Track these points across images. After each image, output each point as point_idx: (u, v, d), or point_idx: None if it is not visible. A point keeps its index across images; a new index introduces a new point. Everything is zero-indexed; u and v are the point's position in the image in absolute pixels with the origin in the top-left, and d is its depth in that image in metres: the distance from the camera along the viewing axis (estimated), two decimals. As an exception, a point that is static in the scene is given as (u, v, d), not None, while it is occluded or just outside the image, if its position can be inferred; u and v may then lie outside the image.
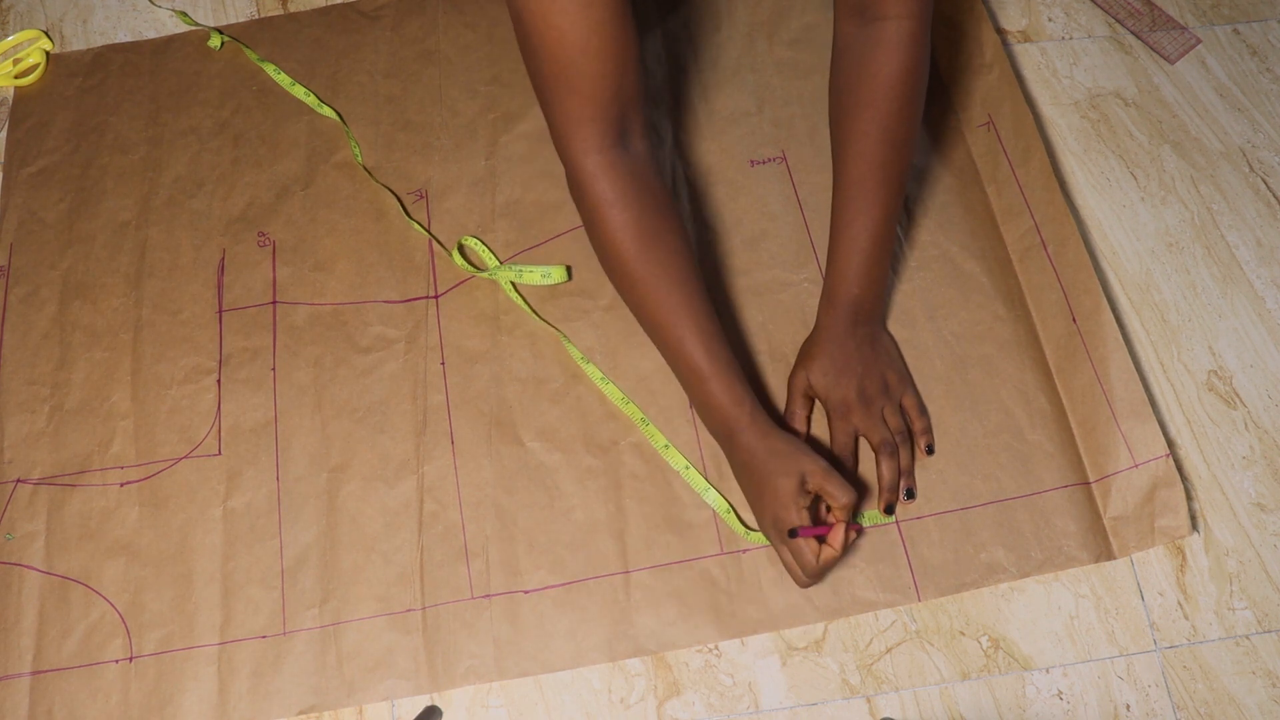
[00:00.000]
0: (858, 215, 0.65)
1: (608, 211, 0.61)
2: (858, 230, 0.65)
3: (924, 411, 0.69)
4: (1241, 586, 0.66)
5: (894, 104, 0.63)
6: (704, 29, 0.85)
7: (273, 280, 0.76)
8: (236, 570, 0.67)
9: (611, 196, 0.61)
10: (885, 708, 0.63)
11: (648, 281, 0.62)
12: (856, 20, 0.63)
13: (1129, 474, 0.66)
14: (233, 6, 0.89)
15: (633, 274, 0.63)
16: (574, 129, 0.60)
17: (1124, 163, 0.80)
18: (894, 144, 0.64)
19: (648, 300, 0.63)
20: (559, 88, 0.58)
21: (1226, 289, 0.75)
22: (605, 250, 0.63)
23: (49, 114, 0.84)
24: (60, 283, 0.77)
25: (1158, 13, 0.86)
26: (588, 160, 0.61)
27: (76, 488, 0.70)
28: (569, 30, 0.56)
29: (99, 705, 0.64)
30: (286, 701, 0.64)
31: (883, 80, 0.62)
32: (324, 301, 0.76)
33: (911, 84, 0.63)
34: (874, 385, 0.67)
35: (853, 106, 0.64)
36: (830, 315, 0.67)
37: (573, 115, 0.59)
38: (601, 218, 0.62)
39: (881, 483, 0.66)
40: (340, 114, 0.82)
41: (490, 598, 0.66)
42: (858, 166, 0.64)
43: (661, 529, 0.67)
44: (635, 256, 0.62)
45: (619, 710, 0.64)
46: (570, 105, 0.59)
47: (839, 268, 0.67)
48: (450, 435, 0.70)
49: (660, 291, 0.62)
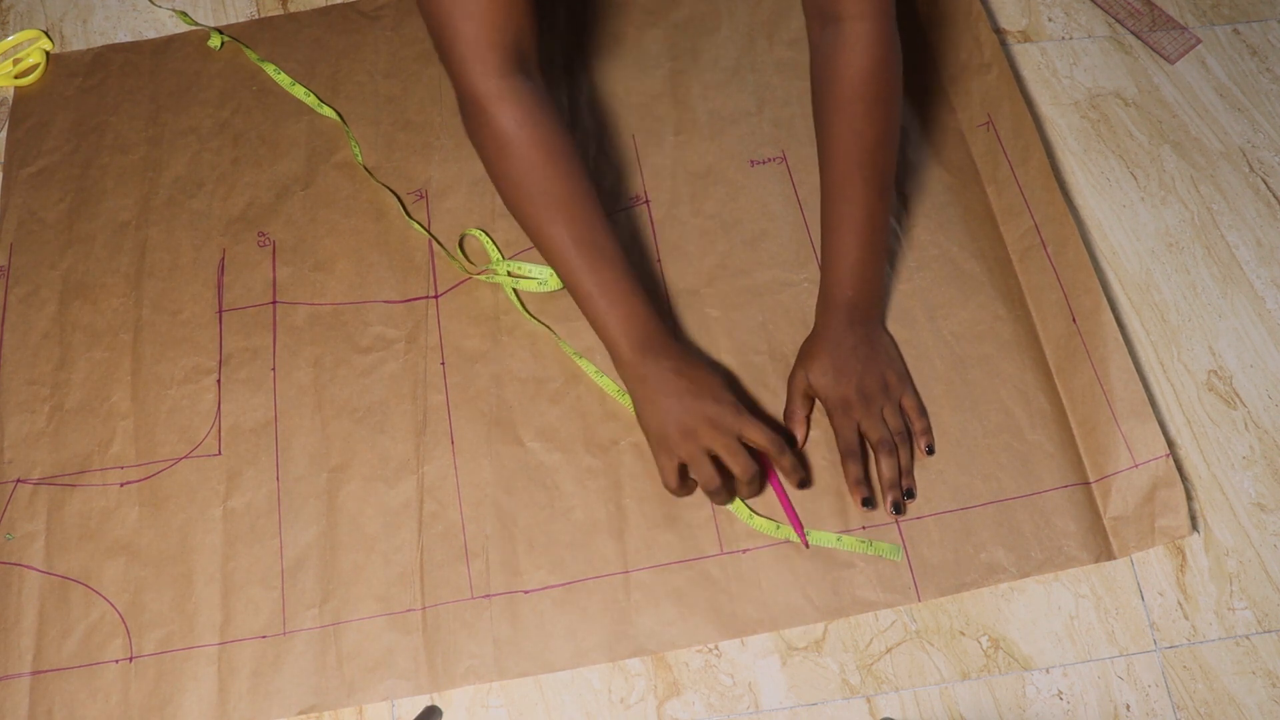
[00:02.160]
0: (843, 217, 0.66)
1: (512, 136, 0.62)
2: (844, 232, 0.66)
3: (923, 412, 0.69)
4: (1241, 586, 0.66)
5: (861, 105, 0.63)
6: (704, 29, 0.85)
7: (273, 280, 0.76)
8: (236, 570, 0.67)
9: (517, 120, 0.62)
10: (885, 708, 0.63)
11: (551, 207, 0.63)
12: (819, 24, 0.64)
13: (1129, 474, 0.66)
14: (233, 6, 0.89)
15: (536, 199, 0.63)
16: (470, 54, 0.60)
17: (1124, 163, 0.80)
18: (868, 145, 0.64)
19: (551, 224, 0.63)
20: (452, 13, 0.59)
21: (1226, 289, 0.75)
22: (508, 176, 0.63)
23: (49, 114, 0.84)
24: (60, 283, 0.77)
25: (1158, 13, 0.86)
26: (488, 84, 0.61)
27: (76, 488, 0.70)
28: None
29: (99, 705, 0.64)
30: (286, 701, 0.64)
31: (848, 82, 0.63)
32: (324, 301, 0.76)
33: (878, 84, 0.63)
34: (874, 384, 0.67)
35: (825, 110, 0.64)
36: (827, 316, 0.68)
37: (469, 41, 0.60)
38: (504, 143, 0.62)
39: (882, 481, 0.66)
40: (340, 114, 0.82)
41: (490, 598, 0.66)
42: (836, 168, 0.65)
43: (661, 529, 0.67)
44: (538, 181, 0.63)
45: (619, 710, 0.63)
46: (465, 30, 0.60)
47: (831, 269, 0.67)
48: (450, 435, 0.70)
49: (564, 215, 0.63)
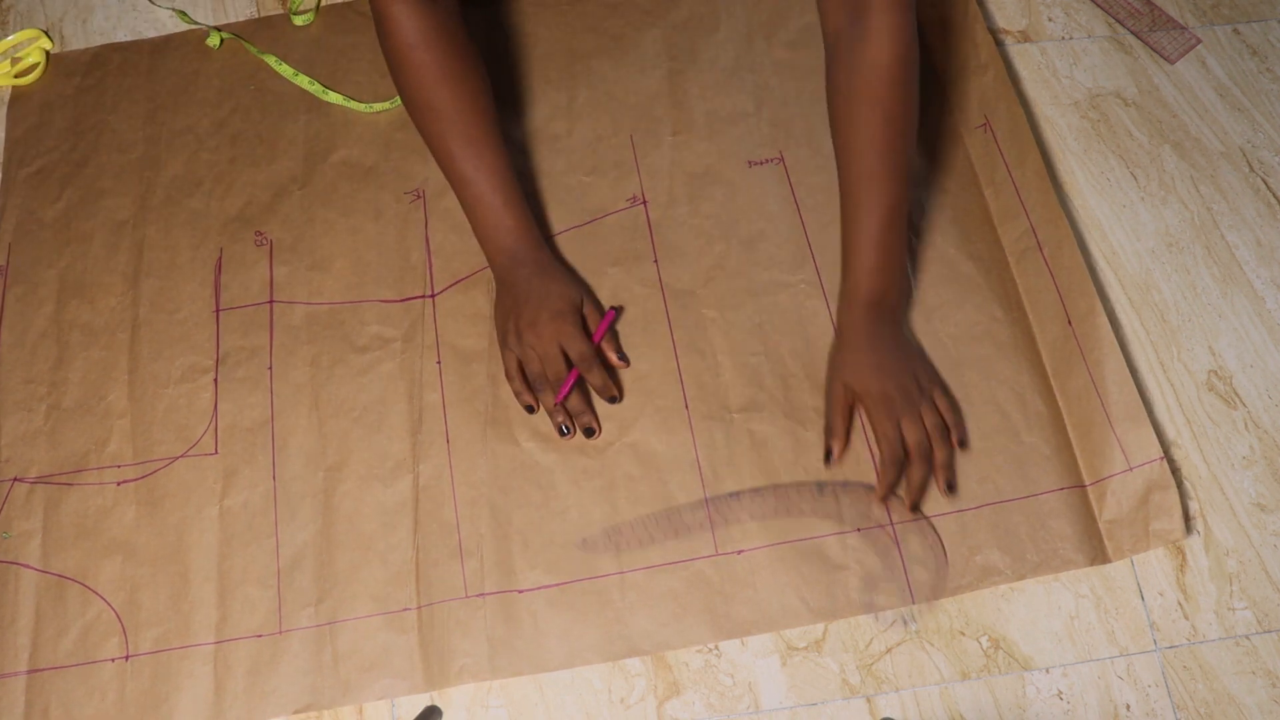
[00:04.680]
0: (871, 208, 0.65)
1: (410, 53, 0.67)
2: (872, 222, 0.65)
3: (956, 406, 0.69)
4: (1241, 586, 0.65)
5: (893, 90, 0.63)
6: (703, 29, 0.85)
7: (270, 279, 0.76)
8: (233, 569, 0.67)
9: (415, 39, 0.66)
10: (885, 708, 0.63)
11: (447, 118, 0.68)
12: (842, 14, 0.64)
13: (1124, 477, 0.66)
14: (232, 6, 0.89)
15: (430, 110, 0.68)
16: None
17: (1124, 163, 0.80)
18: (897, 131, 0.64)
19: (447, 135, 0.69)
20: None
21: (1226, 289, 0.75)
22: (407, 89, 0.69)
23: (48, 113, 0.84)
24: (58, 281, 0.77)
25: (1158, 13, 0.86)
26: (393, 6, 0.66)
27: (73, 486, 0.70)
28: None
29: (95, 704, 0.64)
30: (282, 700, 0.64)
31: (879, 69, 0.63)
32: (321, 301, 0.75)
33: (906, 70, 0.63)
34: (910, 381, 0.66)
35: (852, 98, 0.64)
36: (853, 316, 0.67)
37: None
38: (403, 59, 0.67)
39: (911, 484, 0.65)
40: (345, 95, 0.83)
41: (484, 596, 0.66)
42: (865, 158, 0.64)
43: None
44: (433, 94, 0.68)
45: (619, 710, 0.63)
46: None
47: (856, 265, 0.66)
48: (446, 434, 0.70)
49: (459, 126, 0.69)
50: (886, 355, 0.66)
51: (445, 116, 0.68)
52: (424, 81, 0.68)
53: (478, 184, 0.69)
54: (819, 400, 0.70)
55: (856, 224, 0.66)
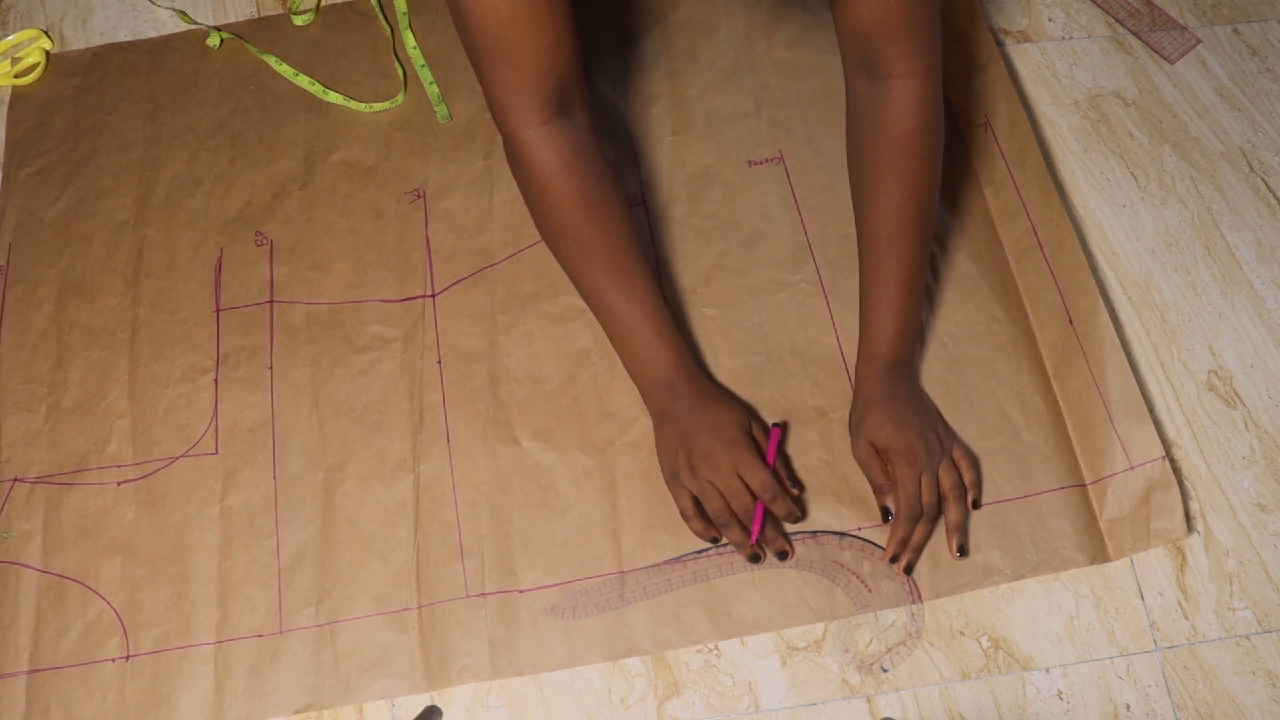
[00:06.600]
0: (890, 275, 0.64)
1: (550, 181, 0.62)
2: (892, 290, 0.64)
3: (975, 463, 0.67)
4: (1241, 586, 0.65)
5: (913, 161, 0.62)
6: (702, 29, 0.85)
7: (270, 279, 0.76)
8: (233, 569, 0.67)
9: (554, 166, 0.62)
10: (885, 708, 0.63)
11: (594, 248, 0.64)
12: (864, 78, 0.62)
13: (1125, 476, 0.66)
14: (232, 6, 0.89)
15: (570, 242, 0.64)
16: (511, 100, 0.60)
17: (1124, 163, 0.80)
18: (917, 201, 0.63)
19: (593, 266, 0.65)
20: (493, 60, 0.59)
21: (1226, 289, 0.75)
22: (547, 219, 0.64)
23: (48, 113, 0.85)
24: (58, 282, 0.77)
25: (1158, 13, 0.86)
26: (527, 132, 0.61)
27: (74, 486, 0.70)
28: (498, 3, 0.56)
29: (95, 704, 0.64)
30: (283, 700, 0.64)
31: (899, 138, 0.61)
32: (321, 301, 0.76)
33: (928, 141, 0.62)
34: (931, 435, 0.65)
35: (873, 165, 0.63)
36: (872, 376, 0.66)
37: (509, 87, 0.60)
38: (542, 187, 0.63)
39: (913, 543, 0.64)
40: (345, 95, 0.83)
41: (485, 596, 0.66)
42: (885, 226, 0.63)
43: (656, 529, 0.67)
44: (577, 224, 0.63)
45: (619, 710, 0.63)
46: (506, 77, 0.59)
47: (876, 328, 0.66)
48: (446, 434, 0.70)
49: (606, 256, 0.64)
50: (908, 412, 0.65)
51: (591, 247, 0.64)
52: (567, 211, 0.63)
53: (629, 316, 0.65)
54: (819, 400, 0.70)
55: (876, 288, 0.65)
